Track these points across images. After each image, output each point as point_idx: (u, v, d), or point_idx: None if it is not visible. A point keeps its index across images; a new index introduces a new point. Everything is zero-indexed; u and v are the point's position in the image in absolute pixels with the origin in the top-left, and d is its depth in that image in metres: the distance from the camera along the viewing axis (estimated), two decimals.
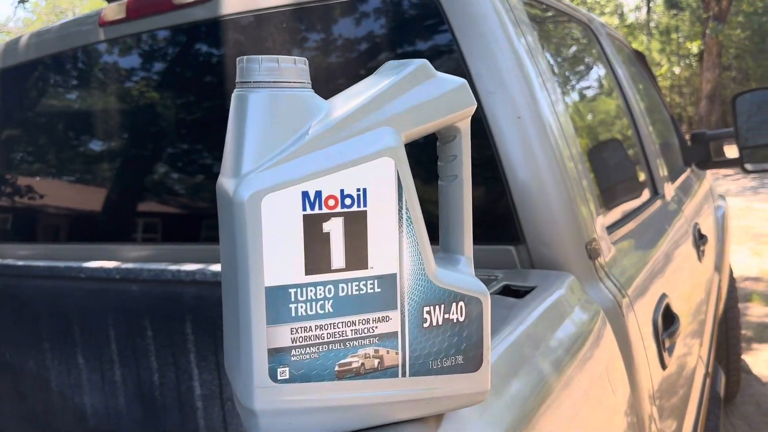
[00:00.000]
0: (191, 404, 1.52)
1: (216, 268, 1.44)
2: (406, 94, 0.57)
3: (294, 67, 0.54)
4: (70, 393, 1.69)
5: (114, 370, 1.61)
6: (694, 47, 20.21)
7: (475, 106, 0.61)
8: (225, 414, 1.49)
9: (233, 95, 0.55)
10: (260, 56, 0.53)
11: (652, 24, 27.88)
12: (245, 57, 0.54)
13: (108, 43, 1.69)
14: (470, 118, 0.62)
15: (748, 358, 4.10)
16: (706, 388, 2.07)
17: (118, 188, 1.71)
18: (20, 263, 1.70)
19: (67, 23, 1.81)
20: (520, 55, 1.22)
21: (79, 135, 1.76)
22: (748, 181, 12.31)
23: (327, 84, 1.38)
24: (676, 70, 24.98)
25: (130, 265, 1.53)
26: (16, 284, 1.71)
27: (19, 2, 9.45)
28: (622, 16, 27.94)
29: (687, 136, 2.96)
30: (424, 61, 0.58)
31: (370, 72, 1.34)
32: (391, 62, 0.61)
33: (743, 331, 4.53)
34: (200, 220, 1.58)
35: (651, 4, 28.22)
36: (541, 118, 1.19)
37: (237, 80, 0.55)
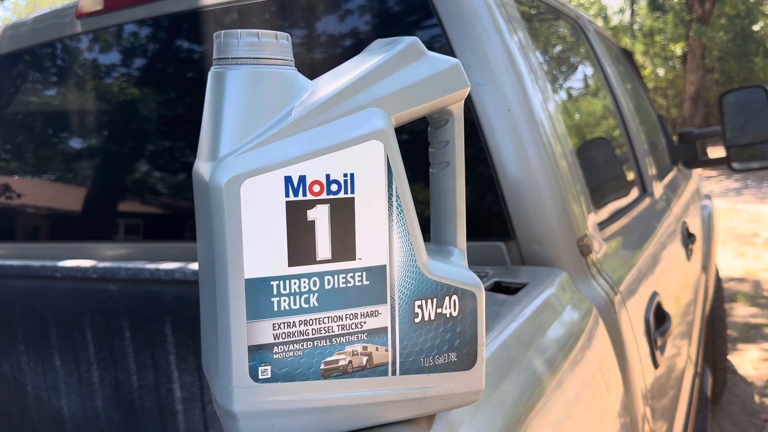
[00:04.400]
0: (171, 407, 1.47)
1: (195, 266, 1.39)
2: (396, 74, 0.53)
3: (276, 43, 0.50)
4: (47, 396, 1.64)
5: (91, 372, 1.56)
6: (678, 49, 20.38)
7: (470, 88, 0.57)
8: (206, 417, 1.44)
9: (210, 72, 0.51)
10: (239, 30, 0.49)
11: (635, 26, 28.07)
12: (223, 31, 0.50)
13: (85, 35, 1.64)
14: (464, 101, 0.58)
15: (733, 358, 4.11)
16: (695, 388, 2.06)
17: (95, 185, 1.65)
18: None
19: (43, 15, 1.75)
20: (511, 47, 1.19)
21: (56, 131, 1.71)
22: (731, 182, 12.40)
23: (312, 77, 1.34)
24: (660, 72, 25.16)
25: (107, 264, 1.48)
26: None
27: None
28: (605, 18, 28.12)
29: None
30: (416, 38, 0.55)
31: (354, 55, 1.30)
32: (381, 40, 0.58)
33: (729, 331, 4.54)
34: (179, 217, 1.54)
35: (634, 7, 28.42)
36: (532, 112, 1.16)
37: (214, 56, 0.51)
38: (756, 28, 24.14)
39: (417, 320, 0.55)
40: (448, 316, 0.56)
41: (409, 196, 0.54)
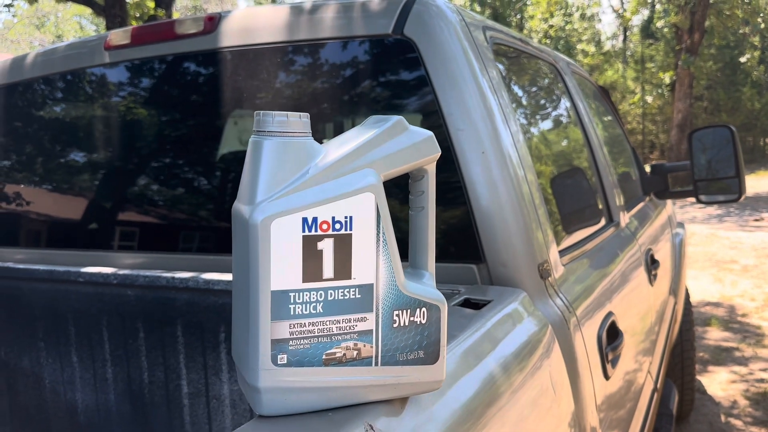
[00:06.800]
0: (178, 402, 1.65)
1: (207, 276, 1.58)
2: (385, 144, 0.73)
3: (299, 121, 0.70)
4: (63, 390, 1.81)
5: (106, 368, 1.73)
6: (667, 78, 20.86)
7: (440, 154, 0.77)
8: (210, 411, 1.62)
9: (250, 140, 0.71)
10: (273, 112, 0.69)
11: (628, 53, 28.58)
12: (261, 111, 0.70)
13: (111, 66, 1.83)
14: (436, 162, 0.78)
15: (704, 379, 4.30)
16: (654, 401, 2.25)
17: (113, 201, 1.84)
18: (20, 266, 1.82)
19: (73, 44, 1.94)
20: (486, 95, 1.39)
21: (81, 150, 1.89)
22: (714, 209, 12.69)
23: (317, 105, 1.54)
24: (649, 98, 25.63)
25: (126, 272, 1.66)
26: (15, 286, 1.83)
27: (4, 6, 9.51)
28: (599, 43, 28.62)
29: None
30: (400, 117, 0.74)
31: (352, 101, 1.50)
32: (374, 117, 0.77)
33: (701, 354, 4.75)
34: (194, 231, 1.72)
35: (627, 33, 28.93)
36: (502, 152, 1.36)
37: (254, 129, 0.71)
38: (743, 59, 24.69)
39: (395, 325, 0.74)
40: (418, 323, 0.75)
41: (393, 233, 0.73)
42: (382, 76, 1.48)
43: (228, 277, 1.55)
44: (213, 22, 1.67)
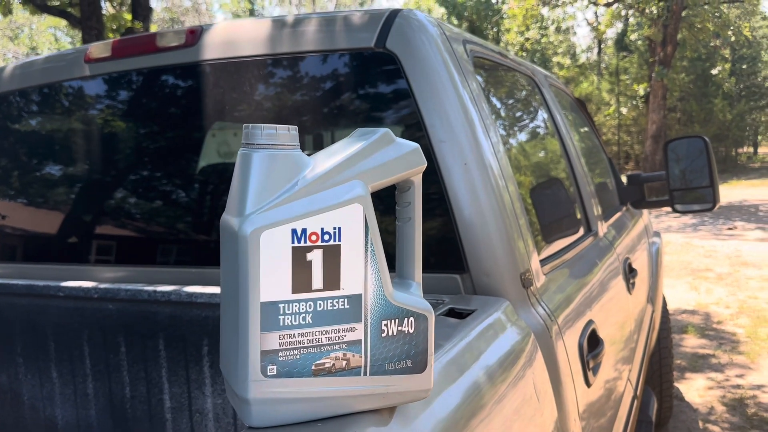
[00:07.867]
0: (161, 416, 1.64)
1: (189, 289, 1.57)
2: (372, 156, 0.74)
3: (288, 134, 0.71)
4: (42, 405, 1.78)
5: (87, 383, 1.71)
6: (641, 90, 21.23)
7: (425, 165, 0.78)
8: (193, 425, 1.61)
9: (239, 153, 0.71)
10: (262, 125, 0.70)
11: (602, 65, 29.02)
12: (251, 125, 0.70)
13: (92, 79, 1.83)
14: (422, 173, 0.79)
15: (681, 386, 4.35)
16: (634, 409, 2.27)
17: (95, 215, 1.83)
18: None
19: (52, 57, 1.93)
20: (467, 106, 1.41)
21: (64, 164, 1.88)
22: (689, 219, 12.88)
23: (300, 118, 1.54)
24: (623, 110, 26.05)
25: (107, 285, 1.65)
26: None
27: None
28: (574, 56, 29.02)
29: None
30: (387, 129, 0.76)
31: (335, 114, 1.51)
32: (361, 129, 0.78)
33: (678, 361, 4.81)
34: (176, 245, 1.71)
35: (602, 46, 29.38)
36: (484, 162, 1.38)
37: (243, 141, 0.71)
38: (715, 71, 25.22)
39: (383, 335, 0.75)
40: (406, 332, 0.76)
41: (380, 244, 0.74)
42: (364, 88, 1.50)
43: (210, 290, 1.55)
44: (195, 35, 1.67)
